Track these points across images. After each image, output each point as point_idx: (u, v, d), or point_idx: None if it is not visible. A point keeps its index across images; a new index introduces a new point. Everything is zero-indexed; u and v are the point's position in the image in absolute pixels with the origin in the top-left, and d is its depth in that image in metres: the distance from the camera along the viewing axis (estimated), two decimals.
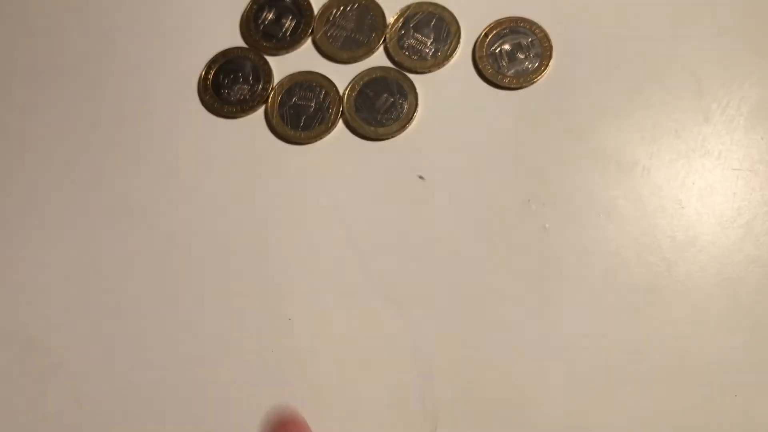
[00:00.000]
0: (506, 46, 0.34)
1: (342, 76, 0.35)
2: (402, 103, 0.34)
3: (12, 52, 0.37)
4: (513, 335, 0.31)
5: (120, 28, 0.37)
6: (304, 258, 0.33)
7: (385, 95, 0.34)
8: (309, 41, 0.36)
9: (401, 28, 0.35)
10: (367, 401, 0.31)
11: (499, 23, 0.34)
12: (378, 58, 0.35)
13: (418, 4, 0.35)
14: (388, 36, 0.35)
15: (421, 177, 0.33)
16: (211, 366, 0.32)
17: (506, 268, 0.32)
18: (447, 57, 0.34)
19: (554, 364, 0.30)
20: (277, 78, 0.35)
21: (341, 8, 0.36)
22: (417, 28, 0.35)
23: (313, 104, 0.34)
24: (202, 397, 0.32)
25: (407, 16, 0.35)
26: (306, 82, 0.35)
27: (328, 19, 0.35)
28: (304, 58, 0.35)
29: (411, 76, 0.34)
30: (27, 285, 0.34)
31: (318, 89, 0.35)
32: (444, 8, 0.35)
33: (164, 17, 0.37)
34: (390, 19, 0.35)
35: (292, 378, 0.32)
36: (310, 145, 0.34)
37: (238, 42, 0.36)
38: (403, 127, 0.34)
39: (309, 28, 0.35)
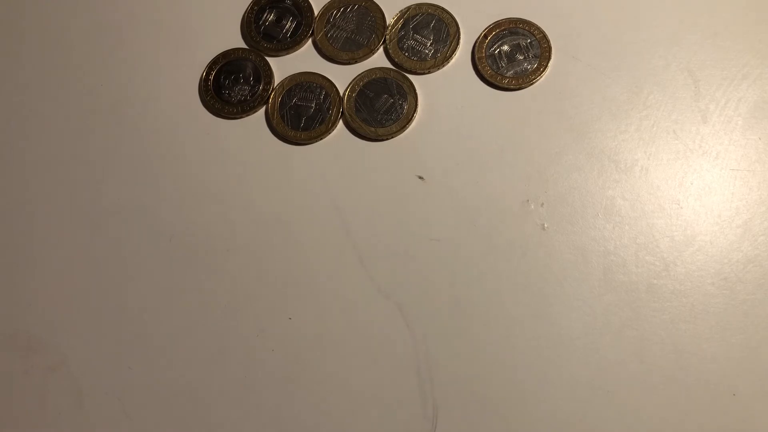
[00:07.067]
0: (505, 47, 0.34)
1: (342, 76, 0.35)
2: (402, 104, 0.34)
3: (13, 53, 0.37)
4: (512, 335, 0.31)
5: (120, 30, 0.37)
6: (304, 258, 0.33)
7: (385, 96, 0.34)
8: (309, 42, 0.36)
9: (401, 29, 0.35)
10: (367, 401, 0.31)
11: (498, 25, 0.34)
12: (378, 59, 0.35)
13: (417, 5, 0.35)
14: (388, 37, 0.35)
15: (420, 177, 0.33)
16: (211, 366, 0.32)
17: (505, 268, 0.32)
18: (446, 58, 0.34)
19: (553, 363, 0.30)
20: (277, 79, 0.35)
21: (341, 9, 0.36)
22: (417, 30, 0.35)
23: (313, 105, 0.34)
24: (202, 396, 0.32)
25: (407, 17, 0.35)
26: (306, 83, 0.35)
27: (328, 21, 0.36)
28: (304, 59, 0.36)
29: (411, 76, 0.34)
30: (28, 285, 0.34)
31: (318, 90, 0.35)
32: (444, 10, 0.35)
33: (165, 19, 0.37)
34: (390, 20, 0.35)
35: (292, 378, 0.32)
36: (310, 146, 0.34)
37: (239, 43, 0.36)
38: (402, 128, 0.34)
39: (309, 29, 0.36)
